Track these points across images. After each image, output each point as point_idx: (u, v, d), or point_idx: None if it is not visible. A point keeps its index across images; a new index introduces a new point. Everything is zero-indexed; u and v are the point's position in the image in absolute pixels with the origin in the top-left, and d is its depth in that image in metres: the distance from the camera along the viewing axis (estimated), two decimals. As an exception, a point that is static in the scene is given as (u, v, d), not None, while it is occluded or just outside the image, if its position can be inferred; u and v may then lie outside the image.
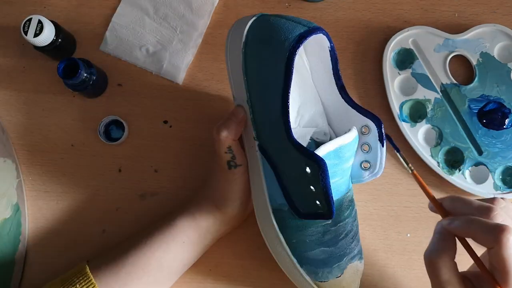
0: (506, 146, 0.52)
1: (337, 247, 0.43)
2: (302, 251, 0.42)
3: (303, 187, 0.40)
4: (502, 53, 0.54)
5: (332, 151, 0.40)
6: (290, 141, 0.40)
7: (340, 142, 0.41)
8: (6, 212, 0.52)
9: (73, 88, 0.52)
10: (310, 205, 0.40)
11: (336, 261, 0.43)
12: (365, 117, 0.43)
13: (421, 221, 0.52)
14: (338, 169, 0.41)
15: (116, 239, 0.53)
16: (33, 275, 0.52)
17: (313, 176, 0.39)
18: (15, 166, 0.54)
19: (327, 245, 0.42)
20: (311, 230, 0.42)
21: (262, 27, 0.42)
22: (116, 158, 0.54)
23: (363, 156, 0.44)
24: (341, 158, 0.41)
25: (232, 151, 0.45)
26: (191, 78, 0.56)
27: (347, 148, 0.41)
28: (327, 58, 0.43)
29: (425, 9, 0.56)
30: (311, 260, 0.42)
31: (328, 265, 0.42)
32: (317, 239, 0.42)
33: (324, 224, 0.42)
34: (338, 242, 0.43)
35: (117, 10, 0.57)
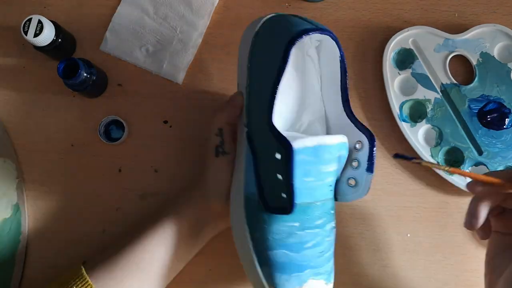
0: (506, 146, 0.52)
1: (300, 255, 0.41)
2: (263, 248, 0.41)
3: (272, 175, 0.39)
4: (502, 53, 0.54)
5: (310, 147, 0.39)
6: (269, 124, 0.39)
7: (319, 141, 0.39)
8: (6, 212, 0.52)
9: (73, 88, 0.52)
10: (276, 198, 0.39)
11: (296, 269, 0.41)
12: (359, 132, 0.42)
13: (421, 221, 0.52)
14: (313, 169, 0.40)
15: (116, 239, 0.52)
16: (33, 275, 0.52)
17: (281, 162, 0.38)
18: (15, 166, 0.54)
19: (289, 248, 0.41)
20: (276, 227, 0.40)
21: (275, 21, 0.43)
22: (116, 158, 0.54)
23: (351, 172, 0.43)
24: (318, 158, 0.40)
25: (222, 135, 0.45)
26: (191, 78, 0.56)
27: (327, 150, 0.40)
28: (337, 68, 0.44)
29: (425, 9, 0.56)
30: (271, 262, 0.40)
31: (287, 271, 0.40)
32: (281, 239, 0.40)
33: (290, 225, 0.41)
34: (303, 250, 0.41)
35: (117, 10, 0.57)
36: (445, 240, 0.52)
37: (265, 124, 0.40)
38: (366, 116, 0.54)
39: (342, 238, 0.52)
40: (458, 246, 0.52)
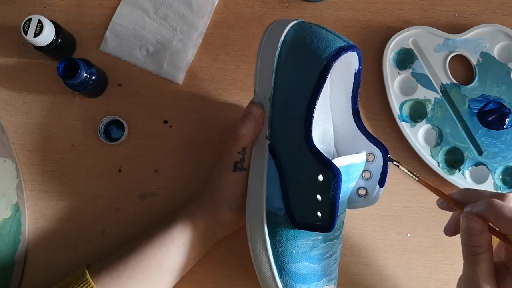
0: (506, 146, 0.52)
1: (320, 265, 0.42)
2: (286, 261, 0.41)
3: (309, 194, 0.39)
4: (502, 53, 0.54)
5: (343, 167, 0.39)
6: (309, 145, 0.39)
7: (351, 160, 0.40)
8: (6, 212, 0.52)
9: (73, 88, 0.52)
10: (309, 215, 0.39)
11: (315, 279, 0.42)
12: (373, 145, 0.43)
13: (421, 221, 0.52)
14: (344, 187, 0.41)
15: (116, 239, 0.53)
16: (33, 275, 0.52)
17: (324, 185, 0.38)
18: (15, 166, 0.54)
19: (312, 260, 0.42)
20: (301, 241, 0.41)
21: (304, 31, 0.41)
22: (116, 158, 0.54)
23: (363, 182, 0.44)
24: (349, 176, 0.40)
25: (244, 153, 0.44)
26: (191, 78, 0.56)
27: (356, 168, 0.41)
28: (350, 80, 0.43)
29: (425, 9, 0.56)
30: (292, 273, 0.41)
31: (307, 282, 0.41)
32: (304, 252, 0.41)
33: (314, 238, 0.42)
34: (322, 260, 0.42)
35: (117, 10, 0.57)
36: (445, 240, 0.52)
37: (300, 142, 0.39)
38: (366, 116, 0.54)
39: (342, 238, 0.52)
40: (458, 246, 0.51)
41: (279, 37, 0.42)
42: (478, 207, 0.36)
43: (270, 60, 0.42)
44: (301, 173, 0.40)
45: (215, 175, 0.47)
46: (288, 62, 0.41)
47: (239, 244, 0.51)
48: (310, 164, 0.39)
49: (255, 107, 0.43)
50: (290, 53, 0.41)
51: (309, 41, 0.40)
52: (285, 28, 0.42)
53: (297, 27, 0.42)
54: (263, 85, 0.43)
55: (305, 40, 0.41)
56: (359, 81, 0.43)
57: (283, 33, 0.42)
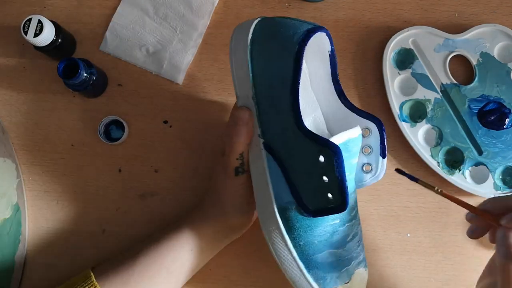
0: (506, 146, 0.52)
1: (345, 250, 0.42)
2: (310, 253, 0.40)
3: (315, 179, 0.39)
4: (502, 53, 0.54)
5: (342, 144, 0.39)
6: (302, 130, 0.39)
7: (348, 135, 0.40)
8: (6, 212, 0.52)
9: (73, 88, 0.52)
10: (321, 200, 0.39)
11: (344, 265, 0.42)
12: (365, 119, 0.43)
13: (421, 221, 0.52)
14: (347, 164, 0.40)
15: (117, 239, 0.53)
16: (33, 275, 0.52)
17: (327, 164, 0.38)
18: (15, 166, 0.54)
19: (335, 246, 0.41)
20: (320, 229, 0.41)
21: (269, 25, 0.42)
22: (116, 158, 0.54)
23: (365, 158, 0.44)
24: (349, 152, 0.41)
25: (242, 158, 0.44)
26: (191, 78, 0.56)
27: (355, 143, 0.41)
28: (326, 63, 0.44)
29: (425, 9, 0.56)
30: (319, 264, 0.41)
31: (337, 269, 0.41)
32: (326, 239, 0.41)
33: (332, 223, 0.41)
34: (346, 244, 0.42)
35: (117, 10, 0.57)
36: (445, 240, 0.52)
37: (292, 129, 0.40)
38: (366, 116, 0.55)
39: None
40: (458, 246, 0.52)
41: (247, 37, 0.43)
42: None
43: (244, 61, 0.43)
44: (302, 160, 0.40)
45: (218, 182, 0.46)
46: (262, 57, 0.42)
47: (239, 244, 0.51)
48: (308, 148, 0.39)
49: (241, 111, 0.43)
50: (261, 48, 0.42)
51: (277, 31, 0.41)
52: (250, 27, 0.43)
53: (261, 23, 0.43)
54: (243, 86, 0.44)
55: (273, 32, 0.42)
56: (335, 61, 0.43)
57: (249, 32, 0.43)
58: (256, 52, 0.42)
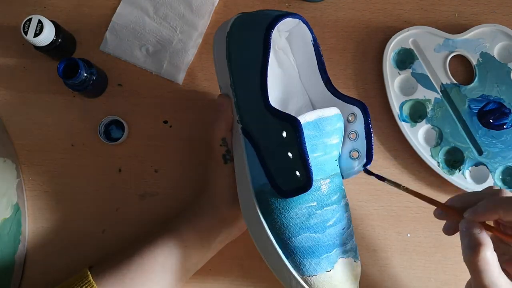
0: (506, 146, 0.52)
1: (325, 235, 0.40)
2: (286, 237, 0.39)
3: (282, 157, 0.39)
4: (502, 53, 0.54)
5: (311, 122, 0.39)
6: (267, 108, 0.40)
7: (319, 114, 0.40)
8: (6, 212, 0.52)
9: (73, 88, 0.52)
10: (290, 179, 0.39)
11: (324, 251, 0.40)
12: (351, 105, 0.43)
13: (421, 221, 0.52)
14: (319, 143, 0.40)
15: (116, 239, 0.53)
16: (33, 275, 0.52)
17: (290, 139, 0.38)
18: (15, 166, 0.54)
19: (313, 230, 0.40)
20: (295, 211, 0.40)
21: (244, 18, 0.44)
22: (116, 158, 0.54)
23: (351, 144, 0.43)
24: (321, 131, 0.40)
25: (226, 144, 0.45)
26: (191, 78, 0.56)
27: (328, 122, 0.40)
28: (311, 53, 0.44)
29: (425, 9, 0.56)
30: (297, 249, 0.39)
31: (316, 255, 0.39)
32: (302, 222, 0.40)
33: (308, 206, 0.40)
34: (326, 229, 0.40)
35: (117, 10, 0.57)
36: (445, 241, 0.52)
37: (261, 109, 0.40)
38: (366, 116, 0.55)
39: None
40: (458, 246, 0.51)
41: (225, 31, 0.45)
42: (480, 208, 0.36)
43: (222, 52, 0.45)
44: (271, 139, 0.40)
45: (210, 173, 0.47)
46: (237, 46, 0.44)
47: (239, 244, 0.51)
48: (274, 125, 0.39)
49: (220, 97, 0.45)
50: (236, 39, 0.44)
51: (250, 22, 0.43)
52: (228, 24, 0.45)
53: (239, 18, 0.45)
54: (222, 76, 0.46)
55: (247, 23, 0.44)
56: (319, 50, 0.44)
57: (228, 26, 0.45)
58: (233, 43, 0.44)
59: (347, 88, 0.55)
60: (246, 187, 0.42)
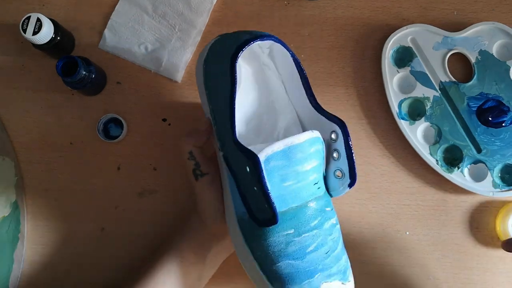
0: (505, 144, 0.52)
1: (305, 261, 0.39)
2: (268, 264, 0.39)
3: (251, 190, 0.39)
4: (501, 51, 0.54)
5: (280, 151, 0.38)
6: (234, 142, 0.39)
7: (287, 142, 0.39)
8: (5, 210, 0.52)
9: (72, 86, 0.52)
10: (262, 211, 0.38)
11: (305, 277, 0.39)
12: (332, 123, 0.41)
13: (420, 219, 0.52)
14: (290, 172, 0.39)
15: (115, 237, 0.53)
16: (31, 273, 0.52)
17: (252, 175, 0.37)
18: (14, 164, 0.54)
19: (292, 257, 0.39)
20: (273, 240, 0.39)
21: (218, 43, 0.44)
22: (115, 156, 0.54)
23: (335, 164, 0.42)
24: (291, 160, 0.39)
25: (194, 158, 0.45)
26: (190, 76, 0.56)
27: (298, 149, 0.39)
28: (293, 68, 0.43)
29: (424, 7, 0.56)
30: (278, 276, 0.39)
31: (296, 281, 0.39)
32: (280, 250, 0.39)
33: (285, 234, 0.39)
34: (306, 255, 0.39)
35: (116, 8, 0.57)
36: (443, 238, 0.52)
37: (231, 142, 0.40)
38: (365, 114, 0.54)
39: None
40: (456, 244, 0.52)
41: (203, 57, 0.45)
42: None
43: (201, 79, 0.45)
44: (241, 170, 0.40)
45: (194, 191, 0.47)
46: (211, 75, 0.43)
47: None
48: (240, 159, 0.39)
49: (204, 120, 0.45)
50: (210, 68, 0.44)
51: (221, 48, 0.42)
52: (206, 48, 0.45)
53: (214, 43, 0.44)
54: (203, 102, 0.45)
55: (218, 50, 0.43)
56: (299, 65, 0.43)
57: (205, 52, 0.45)
58: (207, 71, 0.44)
59: (345, 86, 0.55)
60: (230, 213, 0.42)
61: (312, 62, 0.55)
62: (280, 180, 0.39)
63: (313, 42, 0.56)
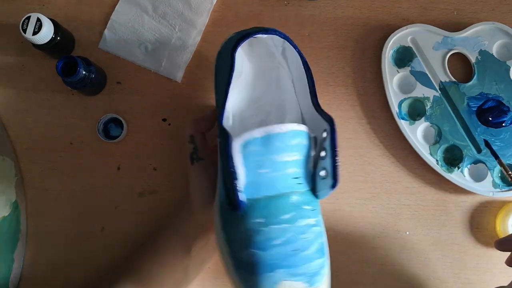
0: (505, 144, 0.52)
1: (268, 253, 0.38)
2: (236, 250, 0.39)
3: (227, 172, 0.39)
4: (501, 51, 0.54)
5: (259, 138, 0.38)
6: (218, 124, 0.41)
7: (268, 130, 0.38)
8: (5, 210, 0.52)
9: (72, 86, 0.52)
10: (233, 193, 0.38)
11: (266, 269, 0.37)
12: (324, 121, 0.40)
13: (420, 219, 0.52)
14: (266, 159, 0.39)
15: (115, 237, 0.53)
16: (32, 273, 0.52)
17: (222, 152, 0.38)
18: (14, 164, 0.54)
19: (257, 247, 0.38)
20: (243, 226, 0.39)
21: (229, 38, 0.46)
22: (115, 156, 0.54)
23: (321, 163, 0.40)
24: (269, 148, 0.38)
25: (194, 142, 0.46)
26: (189, 76, 0.56)
27: (277, 138, 0.39)
28: (300, 65, 0.44)
29: (424, 7, 0.56)
30: (243, 263, 0.38)
31: (256, 272, 0.38)
32: (248, 237, 0.38)
33: (255, 222, 0.38)
34: (271, 248, 0.38)
35: (116, 8, 0.57)
36: (444, 238, 0.52)
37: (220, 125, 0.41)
38: (365, 114, 0.54)
39: (341, 236, 0.52)
40: (457, 244, 0.52)
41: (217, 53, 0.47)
42: None
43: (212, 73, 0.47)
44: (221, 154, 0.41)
45: None
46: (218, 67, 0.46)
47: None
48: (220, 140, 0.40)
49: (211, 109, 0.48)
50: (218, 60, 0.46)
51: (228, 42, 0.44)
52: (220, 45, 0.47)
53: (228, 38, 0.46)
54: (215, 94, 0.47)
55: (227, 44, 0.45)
56: (306, 63, 0.43)
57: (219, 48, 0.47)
58: (218, 63, 0.46)
59: (345, 86, 0.55)
60: (217, 200, 0.42)
61: (312, 62, 0.55)
62: (256, 166, 0.38)
63: (313, 42, 0.56)
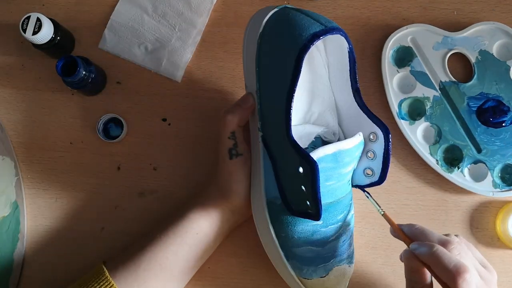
0: (505, 144, 0.52)
1: (325, 249, 0.43)
2: (290, 246, 0.43)
3: (296, 185, 0.40)
4: (501, 51, 0.54)
5: (330, 155, 0.40)
6: (289, 139, 0.40)
7: (339, 147, 0.41)
8: (5, 210, 0.52)
9: (72, 86, 0.52)
10: (301, 204, 0.40)
11: (322, 261, 0.43)
12: (374, 124, 0.43)
13: (420, 218, 0.52)
14: (334, 173, 0.41)
15: (115, 237, 0.53)
16: (32, 273, 0.52)
17: (305, 176, 0.39)
18: (14, 164, 0.54)
19: (315, 244, 0.43)
20: (301, 227, 0.42)
21: (279, 20, 0.42)
22: (114, 156, 0.54)
23: (368, 162, 0.44)
24: (338, 163, 0.41)
25: (235, 138, 0.45)
26: (189, 75, 0.56)
27: (347, 154, 0.41)
28: (345, 59, 0.43)
29: (424, 6, 0.56)
30: (297, 256, 0.43)
31: (313, 264, 0.43)
32: (306, 237, 0.42)
33: (314, 224, 0.42)
34: (327, 244, 0.43)
35: (116, 8, 0.57)
36: (444, 238, 0.52)
37: (284, 136, 0.40)
38: (365, 114, 0.54)
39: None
40: None
41: (257, 31, 0.43)
42: (422, 249, 0.39)
43: (252, 54, 0.44)
44: (287, 164, 0.41)
45: (218, 167, 0.47)
46: (267, 54, 0.42)
47: (238, 241, 0.51)
48: (292, 157, 0.40)
49: (247, 96, 0.45)
50: (269, 45, 0.42)
51: (285, 29, 0.41)
52: (263, 19, 0.43)
53: (275, 16, 0.42)
54: (250, 79, 0.45)
55: (281, 30, 0.41)
56: (354, 59, 0.43)
57: (261, 26, 0.43)
58: (264, 47, 0.43)
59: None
60: (259, 194, 0.43)
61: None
62: (324, 179, 0.41)
63: (313, 42, 0.56)
